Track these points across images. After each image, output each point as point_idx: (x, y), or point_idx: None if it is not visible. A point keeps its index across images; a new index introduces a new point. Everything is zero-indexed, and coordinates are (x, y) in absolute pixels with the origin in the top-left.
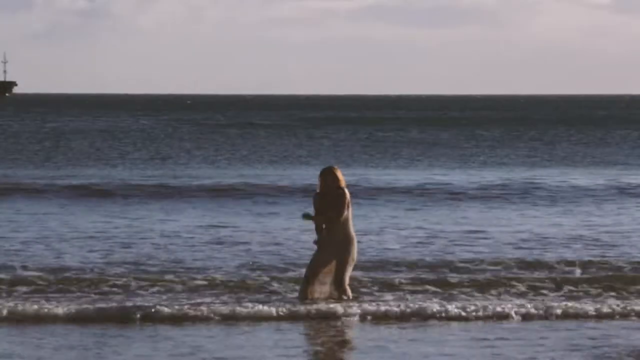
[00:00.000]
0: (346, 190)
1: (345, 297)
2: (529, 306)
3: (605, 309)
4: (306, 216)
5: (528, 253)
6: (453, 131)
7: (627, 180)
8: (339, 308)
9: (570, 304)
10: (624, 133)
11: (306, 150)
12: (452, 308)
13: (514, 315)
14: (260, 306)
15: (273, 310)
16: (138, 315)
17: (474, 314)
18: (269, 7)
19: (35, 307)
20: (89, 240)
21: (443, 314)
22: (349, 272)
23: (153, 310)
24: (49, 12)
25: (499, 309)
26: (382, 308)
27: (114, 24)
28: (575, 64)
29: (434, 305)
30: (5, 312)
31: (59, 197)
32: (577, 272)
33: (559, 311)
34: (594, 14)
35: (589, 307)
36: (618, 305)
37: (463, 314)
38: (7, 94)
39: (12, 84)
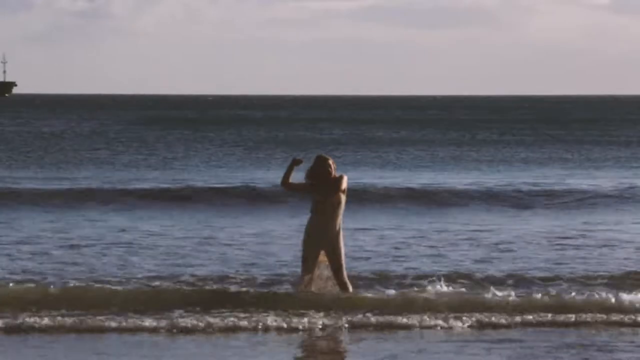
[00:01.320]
0: (344, 177)
1: (348, 292)
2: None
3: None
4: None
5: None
6: (451, 132)
7: (628, 183)
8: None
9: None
10: (624, 133)
11: (301, 151)
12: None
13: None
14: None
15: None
16: None
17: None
18: (269, 7)
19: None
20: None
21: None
22: (344, 264)
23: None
24: (49, 12)
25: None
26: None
27: (113, 24)
28: (575, 64)
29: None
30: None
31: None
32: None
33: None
34: (593, 14)
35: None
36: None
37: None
38: (6, 95)
39: (12, 84)
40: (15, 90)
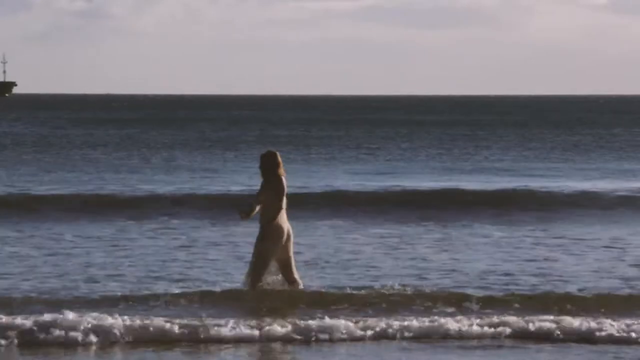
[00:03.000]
0: (283, 178)
1: (298, 286)
2: None
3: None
4: (243, 212)
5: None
6: (450, 133)
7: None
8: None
9: None
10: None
11: (297, 154)
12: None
13: None
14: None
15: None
16: None
17: None
18: (269, 7)
19: None
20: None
21: None
22: (293, 260)
23: None
24: (48, 12)
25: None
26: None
27: (113, 24)
28: (575, 64)
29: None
30: None
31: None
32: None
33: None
34: (593, 14)
35: None
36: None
37: None
38: (6, 94)
39: (12, 84)
40: (15, 90)
